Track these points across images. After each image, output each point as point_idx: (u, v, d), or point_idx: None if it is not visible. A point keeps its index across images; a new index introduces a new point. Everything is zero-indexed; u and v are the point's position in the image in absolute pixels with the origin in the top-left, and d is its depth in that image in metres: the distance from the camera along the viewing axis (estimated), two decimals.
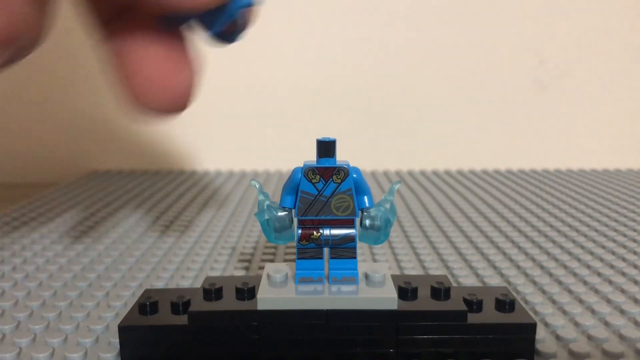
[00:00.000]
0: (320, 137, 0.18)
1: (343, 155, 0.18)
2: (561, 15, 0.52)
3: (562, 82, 0.53)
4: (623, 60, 0.53)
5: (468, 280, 0.23)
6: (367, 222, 0.18)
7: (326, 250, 0.18)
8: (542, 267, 0.25)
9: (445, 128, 0.53)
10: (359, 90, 0.52)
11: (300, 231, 0.17)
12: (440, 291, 0.17)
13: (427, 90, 0.52)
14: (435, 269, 0.25)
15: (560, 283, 0.23)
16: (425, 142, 0.53)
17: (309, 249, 0.17)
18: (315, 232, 0.17)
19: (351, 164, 0.18)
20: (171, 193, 0.41)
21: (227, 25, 0.16)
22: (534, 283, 0.23)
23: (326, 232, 0.17)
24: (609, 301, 0.21)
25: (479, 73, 0.52)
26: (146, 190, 0.42)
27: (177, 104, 0.14)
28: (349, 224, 0.17)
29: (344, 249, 0.17)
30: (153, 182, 0.45)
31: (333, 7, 0.51)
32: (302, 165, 0.17)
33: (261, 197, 0.18)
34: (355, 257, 0.17)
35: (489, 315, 0.17)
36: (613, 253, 0.27)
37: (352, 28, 0.51)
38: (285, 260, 0.26)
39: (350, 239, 0.17)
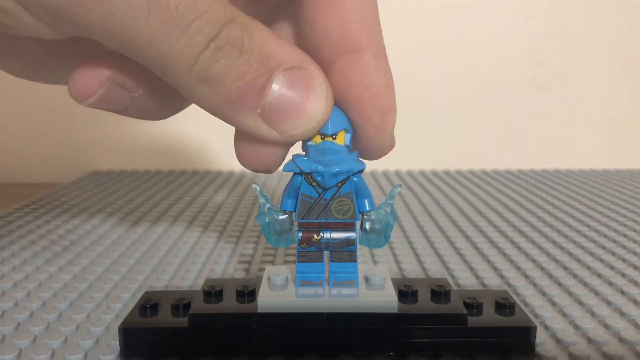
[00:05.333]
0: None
1: None
2: (560, 16, 0.52)
3: (561, 82, 0.53)
4: (622, 60, 0.53)
5: (468, 282, 0.23)
6: (368, 225, 0.18)
7: (326, 254, 0.18)
8: (542, 269, 0.25)
9: (445, 128, 0.53)
10: None
11: (300, 234, 0.17)
12: (441, 294, 0.17)
13: (426, 90, 0.52)
14: (435, 271, 0.25)
15: (560, 285, 0.23)
16: (425, 142, 0.53)
17: (309, 252, 0.17)
18: (315, 235, 0.17)
19: None
20: (172, 193, 0.41)
21: None
22: (534, 285, 0.23)
23: (326, 235, 0.17)
24: (609, 303, 0.21)
25: (479, 73, 0.52)
26: (147, 190, 0.42)
27: (260, 170, 0.19)
28: (350, 227, 0.17)
29: (345, 252, 0.17)
30: (154, 182, 0.45)
31: None
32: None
33: (262, 200, 0.18)
34: (355, 261, 0.17)
35: (489, 318, 0.17)
36: (613, 254, 0.27)
37: None
38: (285, 262, 0.26)
39: (351, 242, 0.17)
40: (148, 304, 0.17)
